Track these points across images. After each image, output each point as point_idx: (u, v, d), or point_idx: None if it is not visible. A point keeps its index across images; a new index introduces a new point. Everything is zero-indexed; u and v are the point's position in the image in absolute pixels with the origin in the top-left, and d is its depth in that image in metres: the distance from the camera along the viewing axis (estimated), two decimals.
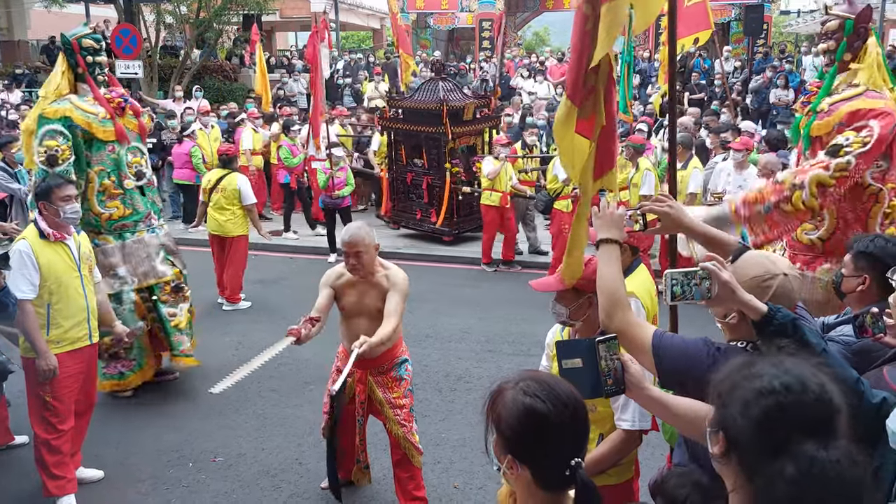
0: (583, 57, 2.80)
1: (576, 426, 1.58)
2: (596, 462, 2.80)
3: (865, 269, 2.86)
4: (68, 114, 5.30)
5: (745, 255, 2.27)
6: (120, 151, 5.58)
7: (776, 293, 2.19)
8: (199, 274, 7.47)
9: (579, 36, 2.80)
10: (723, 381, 1.50)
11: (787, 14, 31.22)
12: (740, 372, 1.48)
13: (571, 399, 1.59)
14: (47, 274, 4.17)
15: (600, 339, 1.95)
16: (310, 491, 4.55)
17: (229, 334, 7.24)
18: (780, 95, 15.45)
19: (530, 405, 1.56)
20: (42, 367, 4.11)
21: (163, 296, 5.83)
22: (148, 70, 16.83)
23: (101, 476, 4.70)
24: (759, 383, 1.41)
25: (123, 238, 5.64)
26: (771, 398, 1.38)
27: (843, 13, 4.26)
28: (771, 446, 1.34)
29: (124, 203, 5.61)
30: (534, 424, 1.55)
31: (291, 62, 21.78)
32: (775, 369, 1.43)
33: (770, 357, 1.51)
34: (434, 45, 26.82)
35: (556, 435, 1.55)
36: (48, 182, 4.31)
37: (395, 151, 11.22)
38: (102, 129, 5.45)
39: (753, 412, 1.38)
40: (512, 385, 1.62)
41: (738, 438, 1.41)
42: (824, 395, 1.38)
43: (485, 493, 4.50)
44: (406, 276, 4.08)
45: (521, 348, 6.82)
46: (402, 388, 4.17)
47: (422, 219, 10.94)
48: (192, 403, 5.80)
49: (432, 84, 10.77)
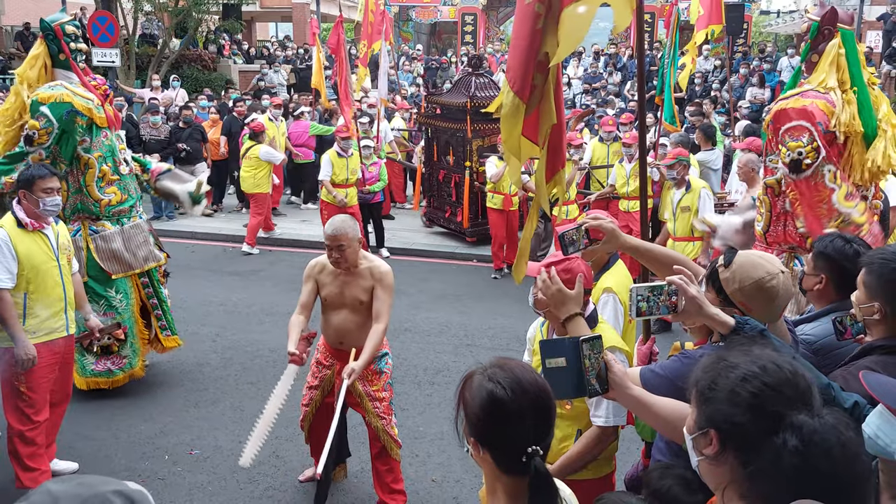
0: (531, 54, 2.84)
1: (535, 414, 1.62)
2: (573, 459, 2.83)
3: (823, 269, 2.93)
4: (67, 98, 5.20)
5: (739, 259, 2.27)
6: (112, 137, 5.55)
7: (780, 293, 2.20)
8: (178, 268, 7.42)
9: (528, 32, 2.84)
10: (699, 380, 1.54)
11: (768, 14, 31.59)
12: (714, 368, 1.52)
13: (533, 387, 1.63)
14: (25, 263, 4.13)
15: (584, 338, 1.96)
16: (286, 484, 4.55)
17: (206, 326, 7.20)
18: (757, 94, 15.63)
19: (491, 390, 1.62)
20: (20, 356, 4.07)
21: (162, 279, 5.93)
22: (125, 59, 16.61)
23: (76, 468, 4.66)
24: (737, 372, 1.47)
25: (122, 223, 5.62)
26: (755, 381, 1.44)
27: (814, 16, 4.38)
28: (767, 425, 1.39)
29: (121, 188, 5.59)
30: (493, 409, 1.61)
31: (272, 53, 21.61)
32: (747, 357, 1.50)
33: (735, 350, 1.56)
34: (416, 38, 26.76)
35: (514, 421, 1.60)
36: (32, 171, 4.26)
37: (429, 149, 11.07)
38: (99, 115, 5.41)
39: (742, 398, 1.44)
40: (481, 371, 1.69)
41: (730, 429, 1.45)
42: (798, 370, 1.47)
43: (462, 486, 4.53)
44: (390, 269, 4.10)
45: (500, 342, 6.87)
46: (381, 382, 4.19)
47: (450, 217, 10.66)
48: (169, 395, 5.76)
49: (466, 79, 10.47)
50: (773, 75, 16.72)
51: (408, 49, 23.05)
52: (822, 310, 2.92)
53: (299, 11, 27.37)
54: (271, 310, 7.64)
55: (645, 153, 3.31)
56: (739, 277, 2.20)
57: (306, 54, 21.00)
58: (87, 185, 5.39)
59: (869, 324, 2.44)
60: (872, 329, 2.44)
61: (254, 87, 17.72)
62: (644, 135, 3.31)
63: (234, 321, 7.41)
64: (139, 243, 5.68)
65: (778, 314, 2.30)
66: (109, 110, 5.65)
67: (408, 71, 19.59)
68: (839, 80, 4.26)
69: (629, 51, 19.67)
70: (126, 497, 1.16)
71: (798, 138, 4.18)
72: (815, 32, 4.35)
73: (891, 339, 2.36)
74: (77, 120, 5.24)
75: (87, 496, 1.13)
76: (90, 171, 5.40)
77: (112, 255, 5.50)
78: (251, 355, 6.55)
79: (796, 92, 4.36)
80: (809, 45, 4.41)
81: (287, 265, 9.45)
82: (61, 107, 5.16)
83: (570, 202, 8.63)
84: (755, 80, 16.01)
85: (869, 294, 2.38)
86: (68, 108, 5.18)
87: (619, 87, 17.22)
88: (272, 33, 35.08)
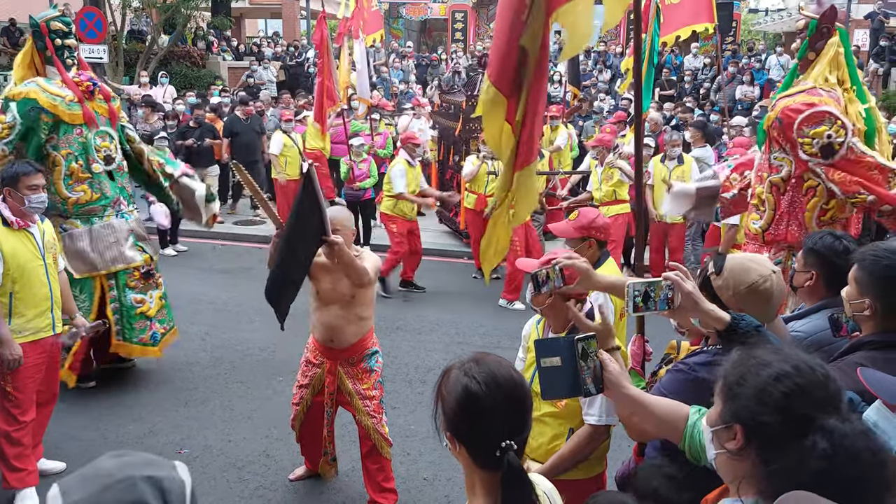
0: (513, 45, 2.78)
1: (509, 409, 1.62)
2: (564, 458, 2.82)
3: (813, 266, 2.94)
4: (33, 95, 5.23)
5: (730, 264, 2.27)
6: (88, 135, 5.47)
7: (774, 293, 2.21)
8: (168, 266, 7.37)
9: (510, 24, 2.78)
10: (728, 375, 1.52)
11: (756, 12, 31.70)
12: (744, 364, 1.50)
13: (508, 382, 1.63)
14: (10, 262, 4.07)
15: (579, 337, 1.95)
16: (277, 483, 4.52)
17: (196, 324, 7.15)
18: (746, 91, 15.69)
19: (465, 385, 1.62)
20: (6, 356, 4.03)
21: (131, 281, 5.72)
22: (113, 55, 16.48)
23: (63, 468, 4.61)
24: (769, 370, 1.45)
25: (91, 223, 5.52)
26: (787, 381, 1.42)
27: (811, 13, 4.38)
28: (796, 427, 1.38)
29: (92, 187, 5.50)
30: (468, 404, 1.61)
31: (261, 50, 21.50)
32: (778, 356, 1.48)
33: (765, 348, 1.55)
34: (406, 35, 26.68)
35: (487, 416, 1.60)
36: (16, 168, 4.21)
37: (440, 147, 11.01)
38: (69, 112, 5.35)
39: (773, 397, 1.42)
40: (458, 365, 1.69)
41: (757, 427, 1.43)
42: (829, 373, 1.45)
43: (453, 484, 4.52)
44: (378, 258, 4.11)
45: (491, 340, 6.84)
46: (372, 380, 4.17)
47: (453, 216, 10.55)
48: (158, 394, 5.72)
49: (474, 79, 10.32)
50: (763, 73, 16.79)
51: (398, 46, 22.97)
52: (812, 306, 2.93)
53: (288, 8, 27.26)
54: (261, 308, 7.58)
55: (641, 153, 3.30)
56: (733, 284, 2.21)
57: (296, 51, 20.91)
58: (54, 182, 5.33)
59: (859, 319, 2.45)
60: (863, 325, 2.45)
61: (243, 84, 17.62)
62: (640, 135, 3.30)
63: (224, 320, 7.37)
64: (108, 244, 5.56)
65: (774, 314, 2.31)
66: (101, 107, 5.59)
67: (398, 68, 19.53)
68: (839, 78, 4.27)
69: (618, 48, 19.69)
70: (156, 486, 1.13)
71: (819, 124, 4.16)
72: (813, 30, 4.33)
73: (881, 334, 2.37)
74: (42, 117, 5.23)
75: (111, 483, 1.11)
76: (57, 169, 5.35)
77: (77, 255, 5.42)
78: (241, 354, 6.51)
79: (800, 89, 4.34)
80: (808, 43, 4.39)
81: None
82: (26, 103, 5.21)
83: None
84: (745, 77, 16.06)
85: (860, 290, 2.39)
86: (33, 104, 5.20)
87: (608, 85, 17.25)
88: (261, 29, 34.92)
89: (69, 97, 5.36)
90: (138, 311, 5.73)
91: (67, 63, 5.48)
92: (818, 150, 4.19)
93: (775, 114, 4.38)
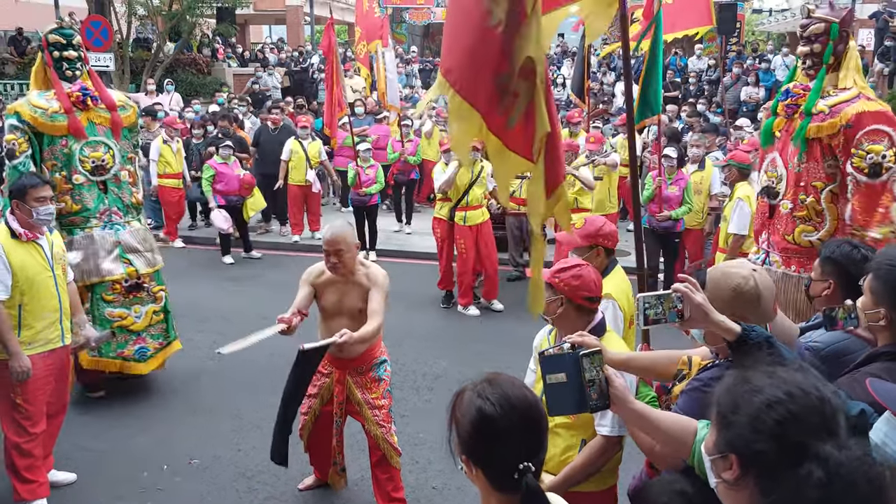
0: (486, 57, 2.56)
1: (525, 430, 1.60)
2: (577, 470, 2.80)
3: (831, 275, 2.92)
4: (19, 109, 5.37)
5: (710, 275, 2.30)
6: (73, 146, 5.43)
7: (761, 292, 2.21)
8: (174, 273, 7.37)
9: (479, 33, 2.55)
10: (720, 401, 1.48)
11: (760, 13, 31.62)
12: (737, 389, 1.46)
13: (522, 403, 1.61)
14: (19, 275, 4.08)
15: (584, 352, 1.95)
16: (287, 493, 4.51)
17: (204, 332, 7.16)
18: (751, 93, 15.65)
19: (480, 407, 1.60)
20: (15, 368, 4.03)
21: (107, 295, 5.57)
22: (119, 63, 16.55)
23: (74, 479, 4.62)
24: (761, 397, 1.40)
25: (73, 234, 5.47)
26: (780, 408, 1.37)
27: (827, 16, 4.30)
28: (791, 455, 1.34)
29: (73, 198, 5.47)
30: (482, 427, 1.59)
31: (266, 56, 21.56)
32: (772, 380, 1.43)
33: (759, 370, 1.50)
34: (409, 40, 26.72)
35: (502, 438, 1.58)
36: (24, 181, 4.23)
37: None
38: (50, 124, 5.35)
39: (766, 425, 1.37)
40: (472, 387, 1.67)
41: (752, 456, 1.39)
42: (825, 396, 1.40)
43: (464, 493, 4.50)
44: (386, 273, 4.08)
45: (499, 347, 6.81)
46: (380, 389, 4.16)
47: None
48: (167, 404, 5.72)
49: None
50: (770, 74, 16.74)
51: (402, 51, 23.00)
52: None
53: (292, 14, 27.35)
54: (268, 316, 7.58)
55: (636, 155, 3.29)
56: (718, 292, 2.22)
57: (300, 57, 20.96)
58: None
59: (874, 330, 2.42)
60: (878, 335, 2.42)
61: (248, 90, 17.67)
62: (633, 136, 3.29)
63: (232, 328, 7.36)
64: (86, 256, 5.49)
65: (770, 312, 2.31)
66: (100, 117, 5.54)
67: (401, 73, 19.55)
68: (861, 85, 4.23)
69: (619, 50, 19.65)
70: None
71: (879, 141, 4.05)
72: (836, 34, 4.23)
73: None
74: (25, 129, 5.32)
75: None
76: None
77: None
78: (248, 362, 6.51)
79: (852, 95, 4.19)
80: (832, 48, 4.25)
81: (284, 269, 9.41)
82: (13, 117, 5.36)
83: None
84: (750, 78, 16.02)
85: (875, 300, 2.37)
86: (17, 117, 5.32)
87: (612, 87, 17.24)
88: (266, 36, 35.02)
89: (52, 109, 5.36)
90: (115, 325, 5.57)
91: (67, 74, 5.49)
92: (867, 165, 4.06)
93: (843, 119, 4.15)
